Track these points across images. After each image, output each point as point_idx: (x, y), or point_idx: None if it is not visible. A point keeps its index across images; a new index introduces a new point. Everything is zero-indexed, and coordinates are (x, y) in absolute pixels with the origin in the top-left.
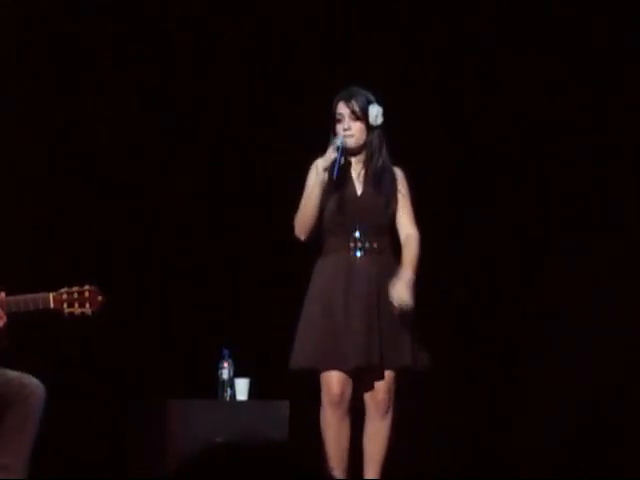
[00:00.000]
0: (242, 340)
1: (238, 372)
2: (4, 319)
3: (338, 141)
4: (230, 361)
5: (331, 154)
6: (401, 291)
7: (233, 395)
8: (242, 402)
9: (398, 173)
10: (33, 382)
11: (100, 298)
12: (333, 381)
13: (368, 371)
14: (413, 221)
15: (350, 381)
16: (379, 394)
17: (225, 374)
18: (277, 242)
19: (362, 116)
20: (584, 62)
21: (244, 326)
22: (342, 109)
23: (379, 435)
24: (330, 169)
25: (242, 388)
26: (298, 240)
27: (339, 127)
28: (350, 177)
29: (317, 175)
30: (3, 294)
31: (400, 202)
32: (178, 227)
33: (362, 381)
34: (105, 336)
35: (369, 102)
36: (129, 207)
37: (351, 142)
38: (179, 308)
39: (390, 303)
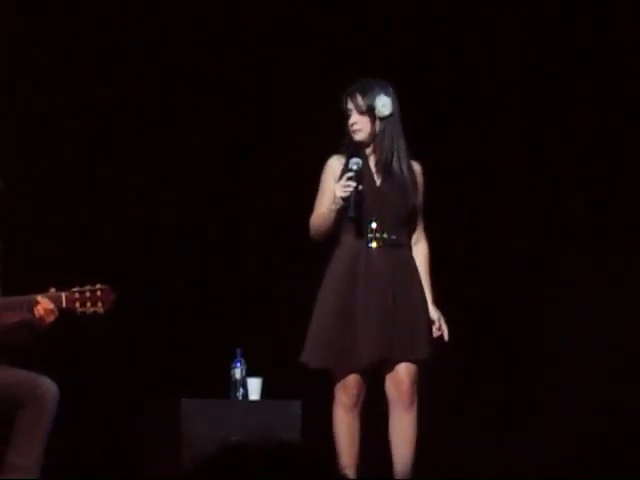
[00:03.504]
0: (254, 340)
1: (250, 372)
2: (56, 313)
3: (354, 165)
4: (242, 361)
5: (348, 184)
6: (441, 322)
7: (245, 395)
8: (254, 402)
9: (417, 168)
10: (46, 382)
11: (112, 297)
12: (350, 384)
13: (387, 365)
14: (424, 229)
15: (366, 381)
16: (402, 387)
17: (237, 374)
18: (290, 241)
19: (368, 109)
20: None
21: (256, 326)
22: (349, 104)
23: (406, 430)
24: (347, 201)
25: (254, 388)
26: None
27: (348, 121)
28: (368, 168)
29: (333, 203)
30: (53, 290)
31: (419, 200)
32: (192, 227)
33: (384, 375)
34: (118, 336)
35: (376, 93)
36: (143, 207)
37: (360, 136)
38: (192, 308)
39: (405, 297)
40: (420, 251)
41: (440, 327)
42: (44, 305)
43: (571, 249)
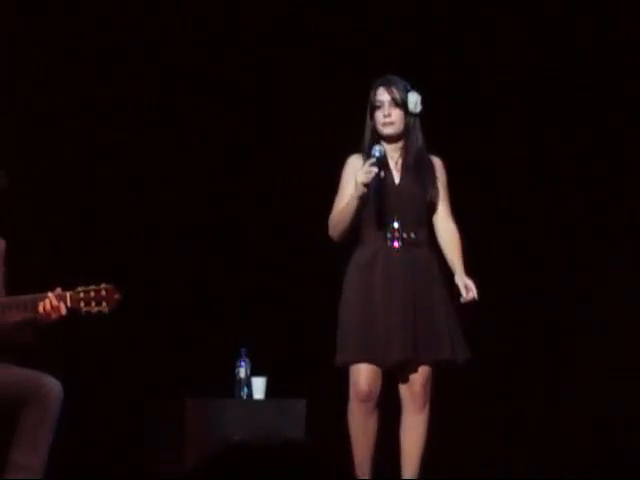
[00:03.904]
0: (259, 339)
1: (255, 371)
2: (63, 312)
3: (377, 152)
4: (247, 360)
5: (371, 170)
6: (470, 284)
7: (250, 394)
8: (259, 401)
9: (437, 162)
10: (50, 381)
11: (116, 296)
12: (361, 376)
13: (405, 364)
14: (451, 214)
15: (379, 376)
16: (415, 387)
17: (242, 373)
18: (294, 241)
19: (402, 103)
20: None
21: (261, 325)
22: (382, 96)
23: (416, 431)
24: (369, 187)
25: (259, 387)
26: (331, 240)
27: (378, 114)
28: (388, 166)
29: (355, 190)
30: (59, 289)
31: (439, 193)
32: (192, 227)
33: (398, 374)
34: (122, 335)
35: (408, 89)
36: (143, 207)
37: (391, 130)
38: (196, 307)
39: (425, 298)
40: (449, 230)
41: (466, 285)
42: (52, 301)
43: (571, 249)
